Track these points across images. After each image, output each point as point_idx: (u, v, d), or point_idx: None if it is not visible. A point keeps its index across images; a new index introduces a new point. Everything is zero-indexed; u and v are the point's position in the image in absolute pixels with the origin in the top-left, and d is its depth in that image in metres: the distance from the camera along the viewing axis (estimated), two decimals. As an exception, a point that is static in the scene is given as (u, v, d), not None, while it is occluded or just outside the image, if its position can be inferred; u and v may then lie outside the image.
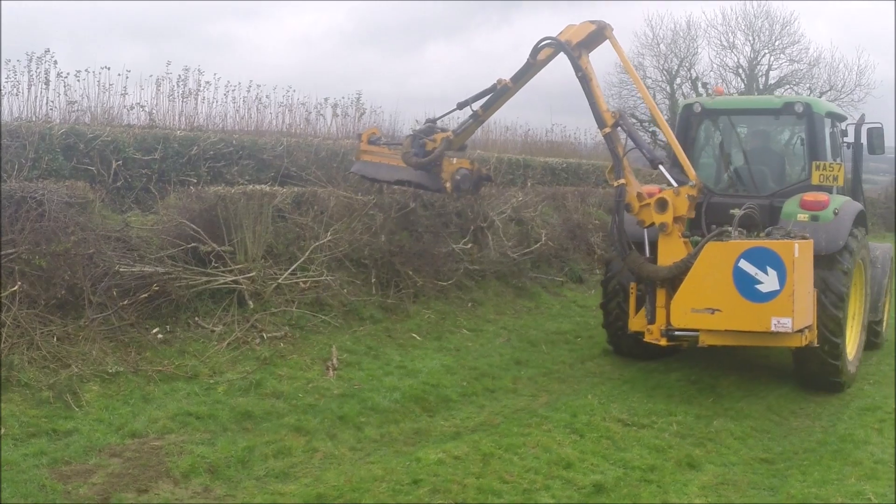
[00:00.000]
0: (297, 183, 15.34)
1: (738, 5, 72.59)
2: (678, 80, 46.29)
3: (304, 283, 13.21)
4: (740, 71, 48.43)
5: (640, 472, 8.85)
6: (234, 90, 18.06)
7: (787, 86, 47.74)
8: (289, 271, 13.12)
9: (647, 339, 11.73)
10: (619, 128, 12.24)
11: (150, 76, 16.91)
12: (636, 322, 12.19)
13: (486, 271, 16.74)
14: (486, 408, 10.99)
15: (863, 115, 14.35)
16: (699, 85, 47.42)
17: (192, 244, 12.30)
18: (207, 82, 17.56)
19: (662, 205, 11.46)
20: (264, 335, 11.94)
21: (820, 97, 43.93)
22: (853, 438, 10.22)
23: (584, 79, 12.44)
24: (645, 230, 11.87)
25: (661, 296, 11.46)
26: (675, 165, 12.41)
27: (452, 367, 12.32)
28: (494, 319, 15.37)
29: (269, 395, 10.44)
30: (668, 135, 12.73)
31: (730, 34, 48.12)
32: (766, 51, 47.90)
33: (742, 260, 10.38)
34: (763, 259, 10.28)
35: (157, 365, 10.57)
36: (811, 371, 12.07)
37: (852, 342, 12.77)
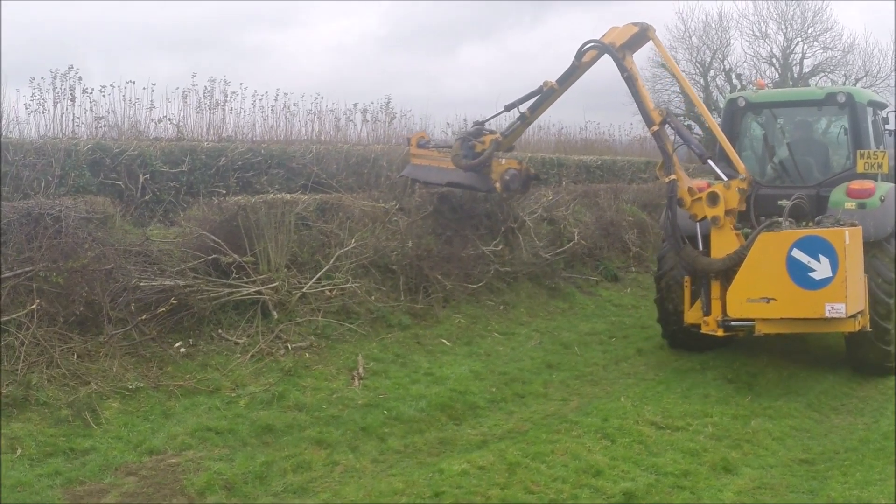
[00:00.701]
0: (328, 190, 15.21)
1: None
2: (711, 73, 45.48)
3: (330, 291, 12.97)
4: (774, 60, 47.49)
5: (673, 477, 8.48)
6: (261, 99, 17.96)
7: (822, 73, 46.92)
8: (313, 280, 12.86)
9: (703, 330, 12.02)
10: (666, 125, 12.54)
11: (177, 88, 16.85)
12: (692, 314, 12.47)
13: (517, 273, 16.42)
14: (514, 414, 10.67)
15: None
16: (733, 76, 46.79)
17: (213, 256, 12.08)
18: (234, 92, 17.45)
19: (714, 199, 11.72)
20: (289, 346, 11.72)
21: (856, 84, 43.73)
22: (897, 435, 9.83)
23: (630, 79, 12.87)
24: (697, 224, 12.17)
25: (715, 288, 11.76)
26: (722, 159, 12.58)
27: (481, 373, 11.99)
28: (527, 322, 15.02)
29: (292, 407, 10.18)
30: (716, 129, 12.90)
31: (762, 24, 47.24)
32: (800, 39, 46.82)
33: (795, 249, 10.64)
34: (815, 247, 10.54)
35: (179, 379, 10.37)
36: (864, 356, 12.22)
37: None
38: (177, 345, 11.03)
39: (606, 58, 13.16)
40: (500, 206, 16.85)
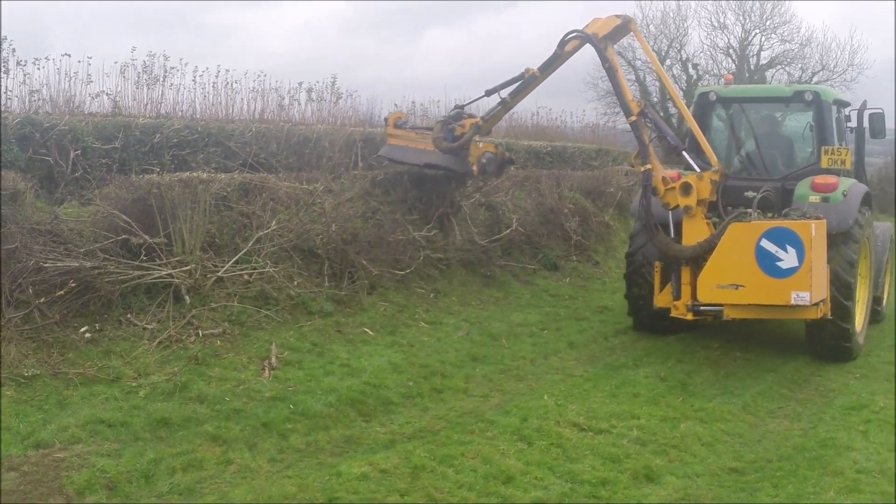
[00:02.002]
0: (268, 170, 14.77)
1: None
2: (668, 62, 45.29)
3: (248, 275, 12.25)
4: (731, 52, 47.68)
5: (590, 486, 7.83)
6: (201, 75, 17.09)
7: (779, 66, 47.26)
8: (230, 263, 12.12)
9: (673, 314, 12.54)
10: (644, 116, 13.05)
11: (115, 63, 16.00)
12: (661, 298, 13.01)
13: (450, 259, 15.75)
14: (429, 411, 10.00)
15: (865, 101, 14.92)
16: (689, 66, 46.62)
17: (123, 236, 11.31)
18: (173, 68, 16.64)
19: (686, 189, 12.27)
20: (200, 332, 10.95)
21: (812, 77, 44.88)
22: (835, 443, 9.24)
23: (611, 70, 13.44)
24: (670, 212, 12.67)
25: (685, 273, 12.30)
26: (692, 150, 13.15)
27: (400, 365, 11.28)
28: (457, 311, 14.34)
29: (193, 399, 9.41)
30: (691, 122, 13.29)
31: (720, 14, 47.38)
32: (758, 31, 47.17)
33: (763, 239, 11.22)
34: (783, 238, 11.13)
35: (79, 367, 9.57)
36: (823, 339, 12.74)
37: (860, 315, 13.34)
38: (82, 330, 10.24)
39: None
40: (436, 189, 16.27)
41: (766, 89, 17.85)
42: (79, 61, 15.03)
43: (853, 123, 15.03)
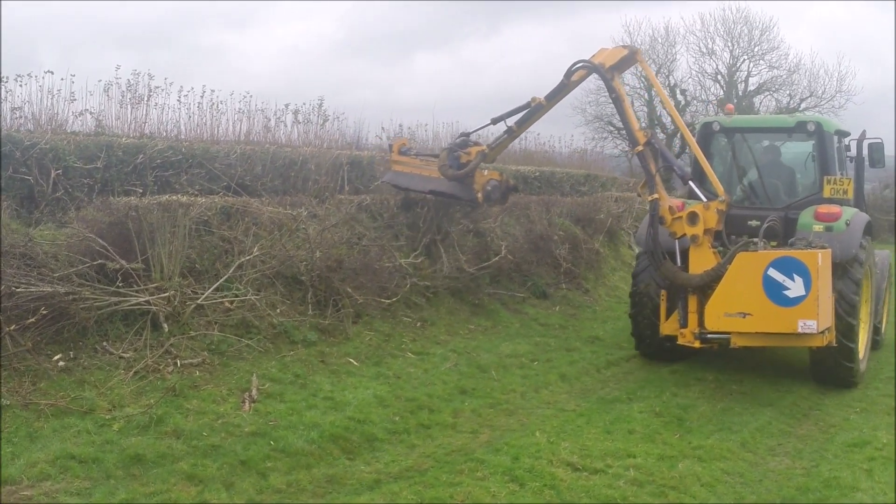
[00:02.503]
0: (252, 193, 14.52)
1: (717, 10, 71.86)
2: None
3: (230, 303, 11.84)
4: (719, 77, 47.58)
5: (586, 533, 7.43)
6: (186, 95, 16.88)
7: (767, 92, 47.18)
8: (210, 290, 11.70)
9: (679, 342, 12.63)
10: (650, 146, 13.03)
11: (99, 81, 15.76)
12: (667, 326, 13.18)
13: (438, 287, 15.37)
14: (416, 448, 9.56)
15: (864, 131, 15.10)
16: (678, 92, 46.44)
17: (99, 261, 10.86)
18: (158, 87, 16.40)
19: (693, 218, 12.40)
20: (178, 362, 10.52)
21: (800, 104, 44.97)
22: (839, 483, 8.86)
23: (618, 100, 13.50)
24: (676, 241, 12.74)
25: (692, 302, 12.41)
26: (695, 179, 13.17)
27: (386, 399, 10.85)
28: (444, 341, 13.94)
29: (169, 433, 8.95)
30: (697, 152, 13.43)
31: (708, 40, 47.31)
32: (746, 57, 47.12)
33: (771, 268, 11.26)
34: (790, 267, 11.17)
35: (52, 397, 9.11)
36: (826, 369, 12.82)
37: (862, 342, 13.34)
38: (55, 358, 9.78)
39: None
40: (423, 216, 15.96)
41: (769, 119, 17.79)
42: (62, 79, 14.82)
43: (852, 153, 15.31)
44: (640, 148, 12.99)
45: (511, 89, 60.94)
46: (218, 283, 11.83)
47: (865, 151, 15.15)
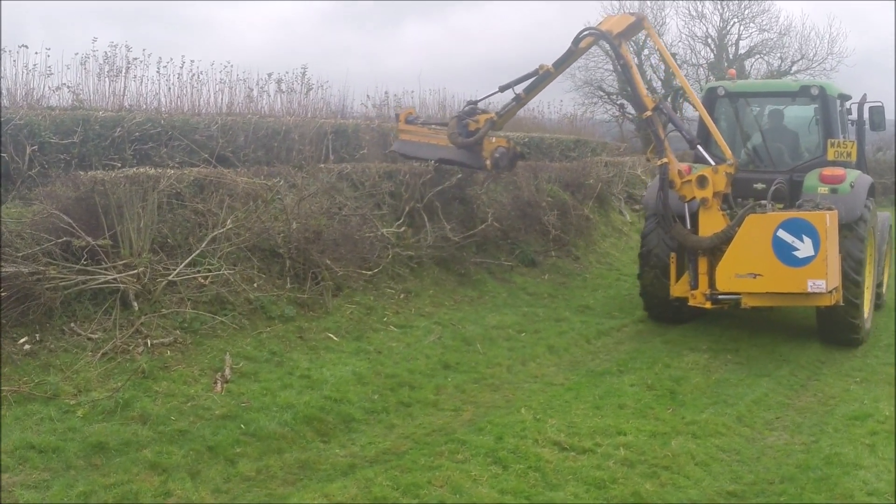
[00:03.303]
0: (234, 164, 14.22)
1: (707, -27, 71.19)
2: (646, 52, 44.49)
3: (204, 278, 11.33)
4: (709, 41, 46.98)
5: (572, 519, 6.95)
6: (165, 66, 16.60)
7: (758, 55, 46.72)
8: (182, 265, 11.19)
9: (691, 303, 12.98)
10: (658, 111, 13.23)
11: (76, 54, 15.56)
12: (678, 288, 13.47)
13: (422, 257, 14.91)
14: (395, 429, 9.06)
15: (865, 95, 15.36)
16: (668, 53, 45.85)
17: (64, 239, 10.34)
18: (136, 58, 16.12)
19: (703, 181, 12.65)
20: (149, 342, 10.00)
21: (791, 66, 45.10)
22: (840, 460, 8.35)
23: (626, 66, 13.75)
24: (686, 204, 13.03)
25: (702, 263, 12.73)
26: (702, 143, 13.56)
27: (365, 376, 10.34)
28: (429, 313, 13.46)
29: (136, 418, 8.44)
30: (706, 117, 13.65)
31: (698, 3, 46.88)
32: (736, 20, 46.57)
33: (780, 230, 11.58)
34: (799, 228, 11.49)
35: (15, 383, 8.60)
36: (833, 328, 13.05)
37: (866, 301, 13.53)
38: (21, 341, 9.29)
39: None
40: (406, 184, 15.57)
41: (774, 84, 18.06)
42: (36, 53, 14.56)
43: (853, 116, 15.53)
44: (648, 113, 13.19)
45: (501, 56, 60.71)
46: (190, 258, 11.33)
47: (866, 114, 15.36)
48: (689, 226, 12.95)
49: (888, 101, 15.47)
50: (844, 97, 15.15)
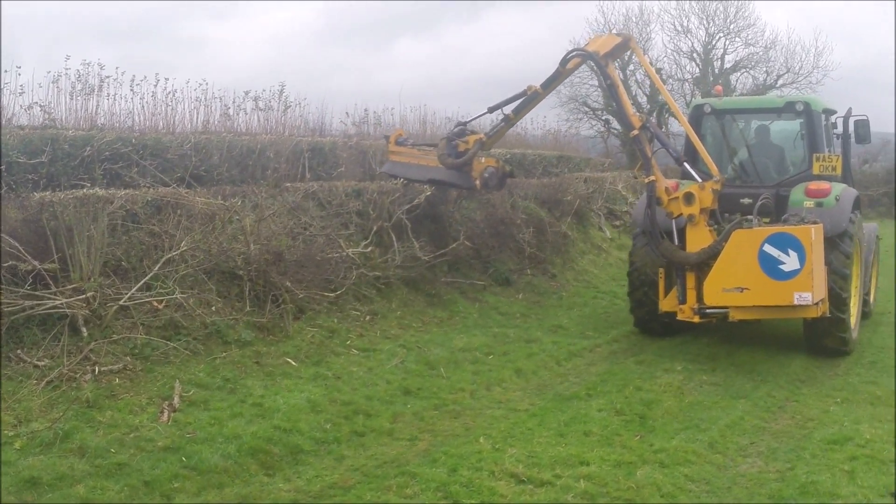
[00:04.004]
0: (209, 183, 14.12)
1: (692, -13, 71.12)
2: (631, 67, 44.15)
3: (158, 302, 10.85)
4: (695, 55, 46.74)
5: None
6: (139, 85, 16.14)
7: (743, 70, 46.47)
8: (134, 289, 10.70)
9: (679, 317, 13.02)
10: (645, 130, 13.26)
11: (49, 72, 15.18)
12: (667, 303, 13.58)
13: (390, 278, 14.45)
14: (344, 461, 8.55)
15: (850, 109, 15.62)
16: (654, 71, 45.56)
17: (10, 262, 9.89)
18: (109, 76, 15.68)
19: (690, 198, 12.75)
20: (97, 369, 9.52)
21: (777, 80, 45.07)
22: (817, 489, 7.86)
23: (612, 87, 13.88)
24: (673, 220, 13.08)
25: (690, 278, 12.80)
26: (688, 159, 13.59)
27: (319, 403, 9.82)
28: (395, 335, 12.98)
29: (74, 451, 7.96)
30: (692, 134, 13.83)
31: (683, 18, 46.50)
32: (721, 34, 46.37)
33: (766, 244, 11.74)
34: (785, 243, 11.67)
35: (-46, 414, 8.11)
36: (820, 339, 13.17)
37: (853, 315, 13.65)
38: (-36, 369, 8.80)
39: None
40: (374, 202, 15.17)
41: (759, 100, 18.79)
42: (6, 70, 14.25)
43: (839, 130, 15.63)
44: (635, 132, 13.25)
45: (493, 74, 61.05)
46: (142, 282, 10.85)
47: (851, 128, 15.53)
48: (676, 241, 13.06)
49: (875, 114, 16.05)
50: (829, 112, 15.31)
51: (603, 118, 44.14)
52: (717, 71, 46.52)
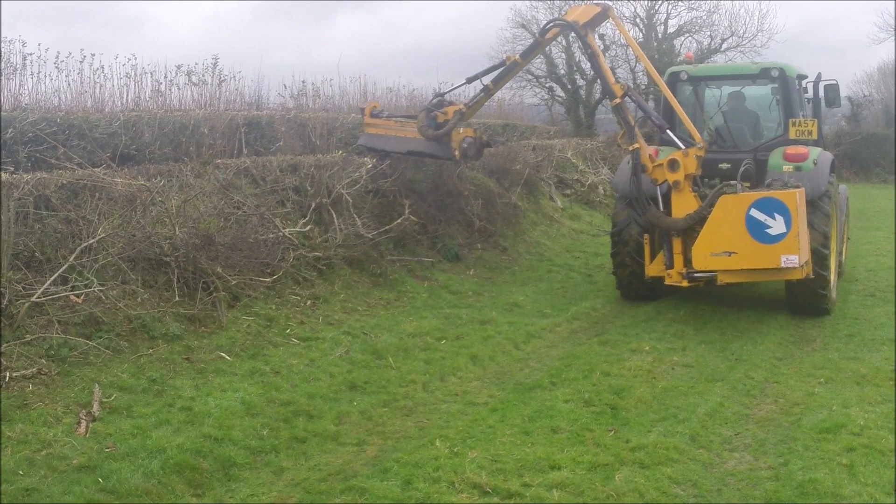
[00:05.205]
0: (140, 163, 13.30)
1: (633, -48, 70.62)
2: (573, 33, 43.32)
3: (77, 296, 9.80)
4: (638, 20, 45.82)
5: None
6: (63, 62, 15.06)
7: (687, 34, 45.63)
8: (47, 283, 9.63)
9: (667, 282, 13.26)
10: (627, 98, 13.53)
11: None
12: (653, 268, 13.80)
13: (331, 258, 13.47)
14: (284, 474, 7.54)
15: (819, 74, 15.90)
16: (596, 37, 44.77)
17: None
18: (31, 53, 14.68)
19: (674, 165, 12.93)
20: (8, 374, 8.45)
21: (722, 43, 44.35)
22: (817, 488, 6.98)
23: (593, 56, 14.12)
24: (658, 187, 13.34)
25: (677, 244, 12.99)
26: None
27: (256, 405, 8.80)
28: (339, 321, 12.00)
29: (-26, 475, 6.92)
30: (673, 101, 13.85)
31: (626, -18, 45.53)
32: (664, -1, 45.32)
33: (753, 209, 11.98)
34: (771, 207, 11.91)
35: None
36: (802, 297, 13.40)
37: (832, 273, 13.82)
38: None
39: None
40: (311, 177, 14.31)
41: (734, 67, 19.52)
42: None
43: (809, 94, 15.88)
44: (617, 101, 13.47)
45: (430, 45, 60.58)
46: (56, 275, 9.78)
47: (822, 93, 15.81)
48: (661, 208, 13.27)
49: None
50: (801, 77, 15.60)
51: (546, 85, 43.08)
52: (660, 36, 45.79)
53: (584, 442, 8.05)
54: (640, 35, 45.39)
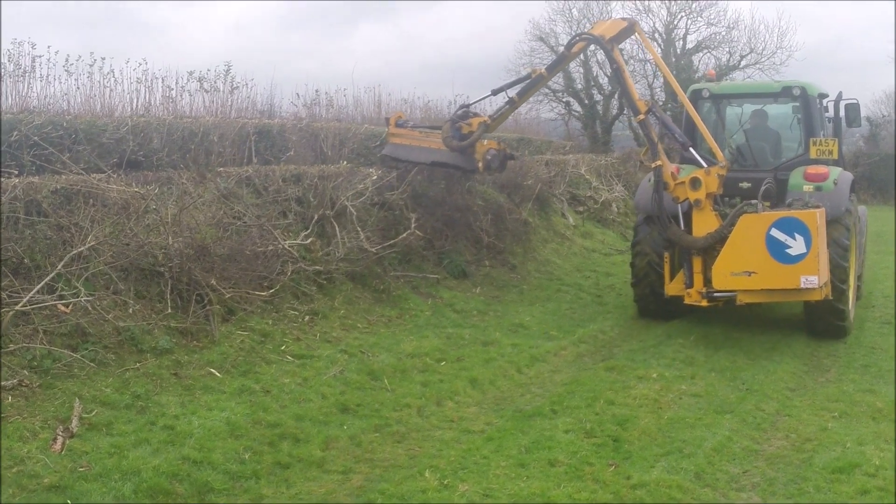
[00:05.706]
0: (148, 168, 13.11)
1: (653, -33, 70.50)
2: (592, 47, 43.02)
3: (66, 305, 9.43)
4: (657, 35, 45.61)
5: None
6: (73, 65, 15.01)
7: (706, 50, 45.43)
8: (34, 291, 9.26)
9: (686, 301, 13.21)
10: (651, 114, 13.48)
11: None
12: (673, 287, 13.76)
13: (333, 272, 13.11)
14: (262, 502, 7.15)
15: (840, 93, 15.65)
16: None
17: None
18: (40, 56, 14.57)
19: (696, 183, 12.93)
20: (-10, 386, 8.09)
21: (741, 60, 44.32)
22: (831, 536, 6.56)
23: (618, 71, 14.05)
24: (679, 205, 13.24)
25: (697, 263, 13.05)
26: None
27: (241, 426, 8.41)
28: (336, 338, 11.63)
29: (-59, 494, 6.55)
30: (697, 119, 13.83)
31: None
32: (683, 14, 45.33)
33: (773, 228, 11.96)
34: (791, 227, 11.89)
35: None
36: (821, 318, 13.37)
37: (851, 292, 13.73)
38: None
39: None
40: (314, 188, 13.97)
41: (756, 85, 19.24)
42: None
43: (830, 114, 15.77)
44: (641, 117, 13.43)
45: (451, 58, 60.83)
46: (43, 283, 9.41)
47: (842, 112, 15.60)
48: (682, 226, 13.21)
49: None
50: (823, 95, 15.47)
51: (563, 100, 42.87)
52: (679, 51, 45.53)
53: (583, 477, 7.63)
54: (659, 50, 45.20)
